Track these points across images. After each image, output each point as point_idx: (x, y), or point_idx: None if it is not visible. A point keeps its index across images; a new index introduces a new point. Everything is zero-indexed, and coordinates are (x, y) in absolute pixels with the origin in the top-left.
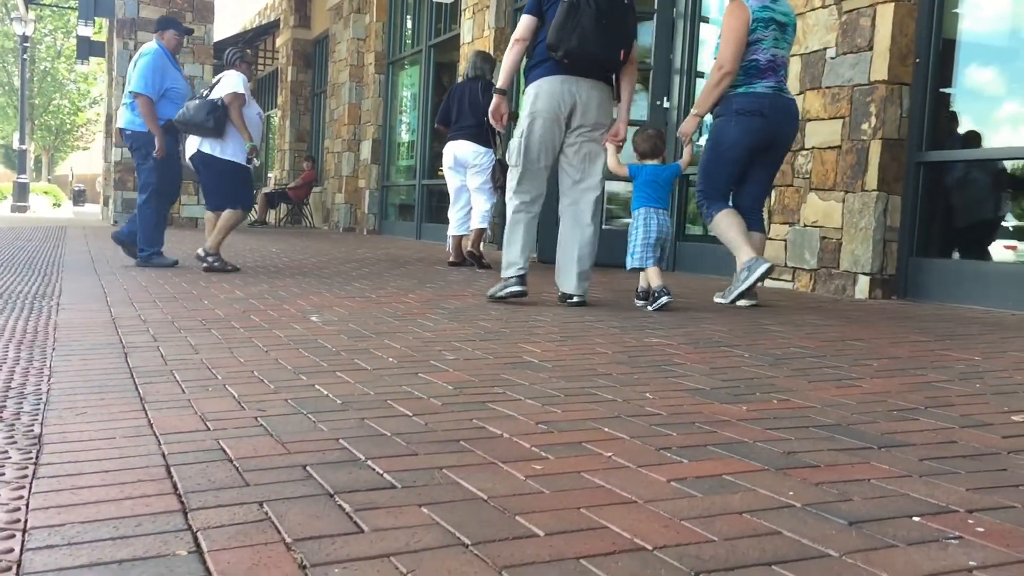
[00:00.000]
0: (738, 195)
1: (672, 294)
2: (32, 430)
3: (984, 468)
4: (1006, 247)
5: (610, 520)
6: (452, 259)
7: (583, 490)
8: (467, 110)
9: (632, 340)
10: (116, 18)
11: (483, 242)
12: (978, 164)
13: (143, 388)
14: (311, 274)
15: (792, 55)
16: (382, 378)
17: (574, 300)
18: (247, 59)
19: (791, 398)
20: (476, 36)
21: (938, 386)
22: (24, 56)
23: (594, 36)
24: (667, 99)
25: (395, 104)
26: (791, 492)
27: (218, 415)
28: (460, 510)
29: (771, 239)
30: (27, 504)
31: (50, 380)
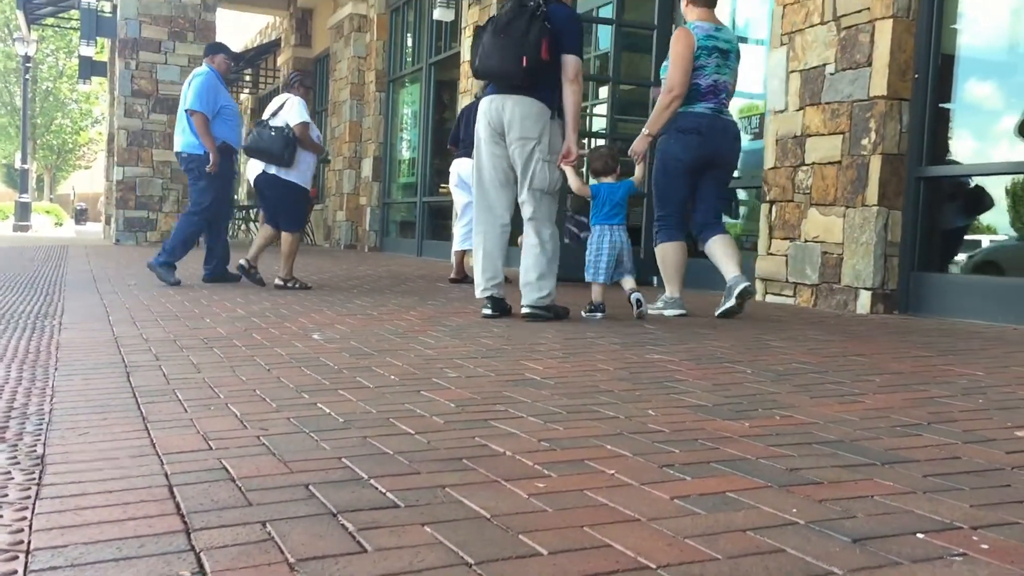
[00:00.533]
0: (697, 211)
1: (645, 301)
2: (35, 450)
3: (988, 484)
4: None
5: (613, 538)
6: (453, 276)
7: (586, 508)
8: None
9: (634, 356)
10: (118, 38)
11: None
12: (978, 179)
13: (145, 407)
14: (312, 292)
15: (792, 71)
16: (384, 396)
17: (523, 312)
18: (306, 83)
19: (794, 414)
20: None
21: (941, 401)
22: (26, 76)
23: (492, 50)
24: None
25: (396, 122)
26: (794, 509)
27: (220, 434)
28: (463, 529)
29: (772, 254)
30: (30, 525)
31: (52, 400)
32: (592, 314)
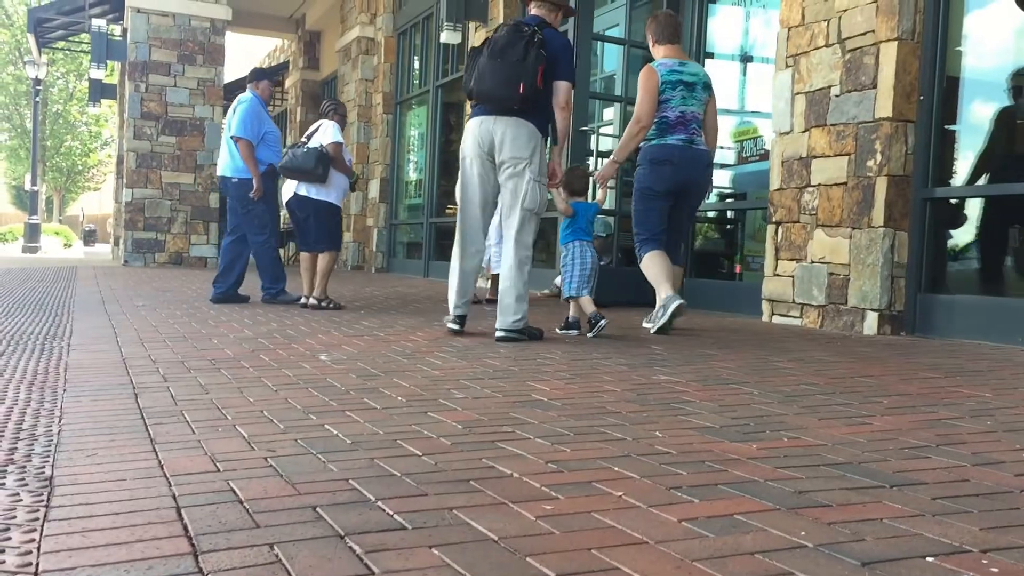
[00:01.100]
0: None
1: (606, 318)
2: (43, 472)
3: (997, 507)
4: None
5: (621, 561)
6: (488, 295)
7: (594, 530)
8: None
9: (641, 378)
10: (128, 61)
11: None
12: (985, 200)
13: (153, 429)
14: (319, 312)
15: (797, 93)
16: (392, 417)
17: (497, 335)
18: (340, 111)
19: (801, 436)
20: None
21: (949, 423)
22: (37, 99)
23: (489, 74)
24: None
25: (403, 143)
26: (803, 532)
27: (228, 456)
28: (471, 551)
29: (778, 275)
30: (38, 547)
31: (61, 421)
32: (567, 331)
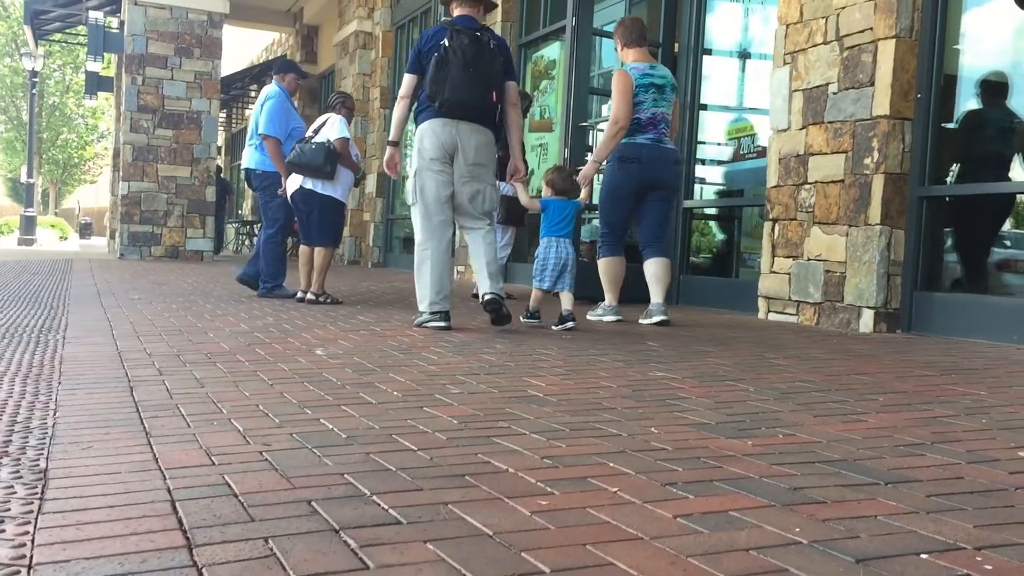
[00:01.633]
0: (641, 230)
1: (576, 321)
2: (38, 465)
3: (992, 505)
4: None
5: (616, 556)
6: (475, 291)
7: (589, 526)
8: None
9: (636, 374)
10: (124, 54)
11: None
12: (981, 198)
13: (148, 422)
14: (316, 307)
15: (795, 90)
16: (387, 412)
17: (488, 297)
18: (348, 104)
19: (797, 433)
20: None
21: (944, 421)
22: (33, 91)
23: (463, 84)
24: None
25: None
26: (798, 529)
27: (223, 449)
28: (465, 546)
29: (775, 272)
30: (32, 540)
31: (56, 414)
32: (530, 320)
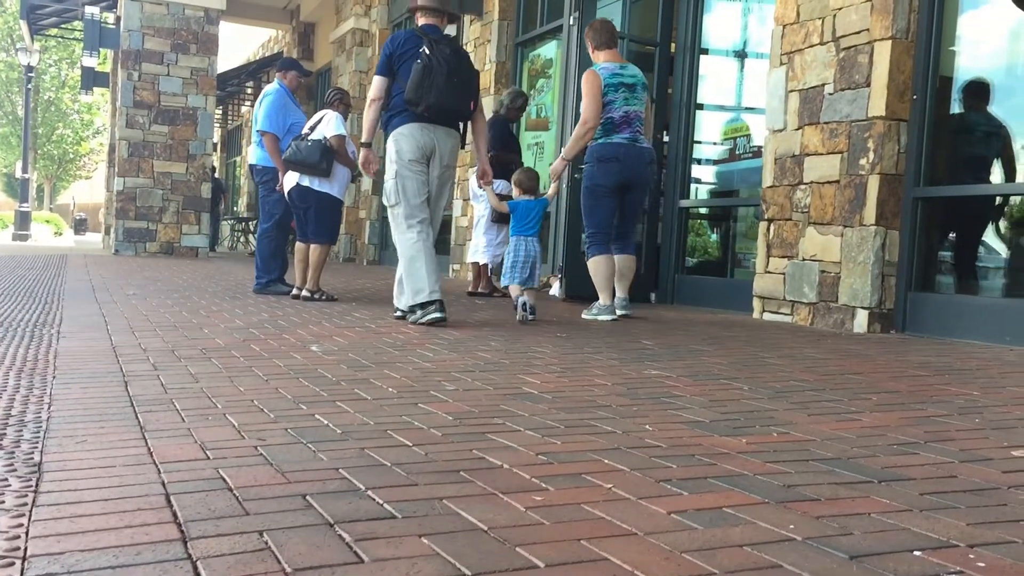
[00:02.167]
0: (616, 225)
1: (537, 315)
2: (32, 458)
3: (984, 503)
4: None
5: (610, 552)
6: (470, 288)
7: (583, 522)
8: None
9: (631, 372)
10: (121, 49)
11: (490, 276)
12: (976, 200)
13: (143, 416)
14: (311, 304)
15: (791, 91)
16: (382, 408)
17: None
18: (345, 101)
19: (791, 431)
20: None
21: (937, 420)
22: (28, 86)
23: (448, 92)
24: (666, 133)
25: None
26: (792, 525)
27: (218, 444)
28: (460, 541)
29: (770, 272)
30: (27, 532)
31: (50, 408)
32: (525, 313)
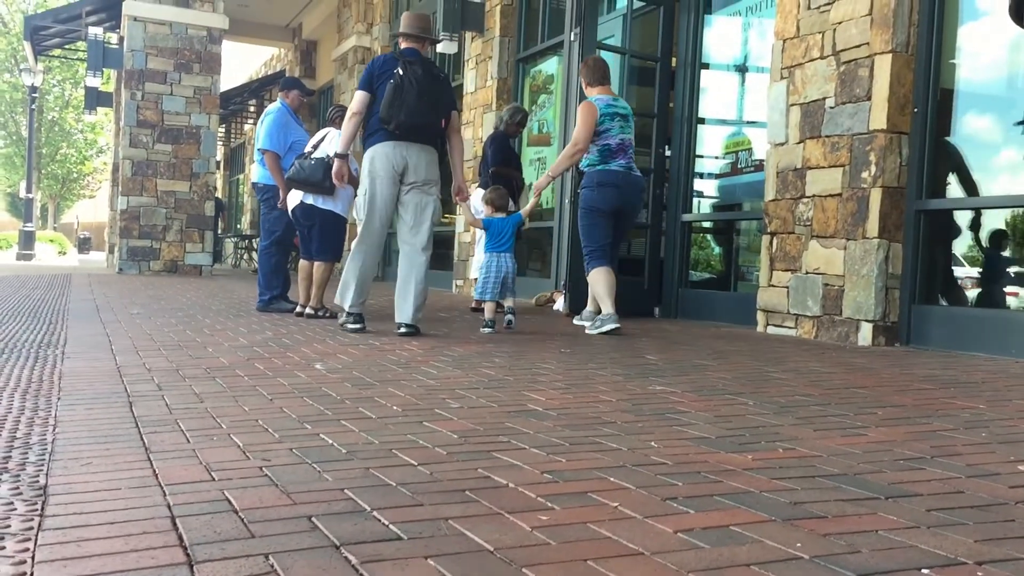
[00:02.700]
0: None
1: (514, 326)
2: (37, 481)
3: (992, 519)
4: (1008, 293)
5: (617, 572)
6: (474, 305)
7: (590, 541)
8: (485, 163)
9: (636, 388)
10: (124, 69)
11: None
12: (978, 212)
13: (148, 438)
14: (315, 321)
15: (792, 104)
16: (387, 427)
17: (405, 330)
18: None
19: (797, 447)
20: (479, 86)
21: (944, 435)
22: (32, 106)
23: (418, 109)
24: (668, 147)
25: None
26: (799, 544)
27: (223, 465)
28: (466, 562)
29: (773, 286)
30: (33, 557)
31: (55, 430)
32: (487, 329)
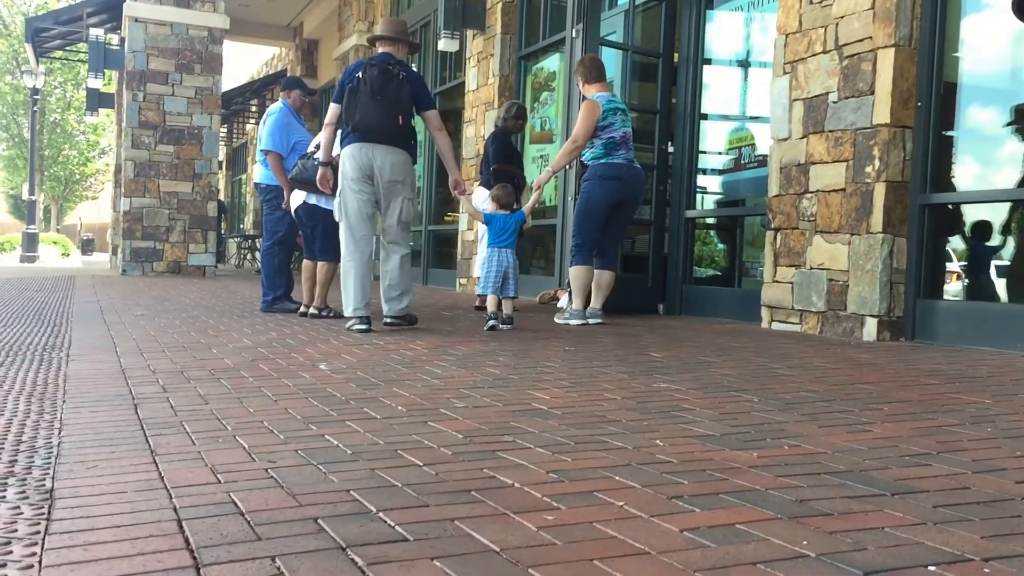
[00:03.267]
0: (601, 240)
1: (514, 325)
2: (44, 484)
3: (999, 515)
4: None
5: (623, 571)
6: (477, 303)
7: (596, 541)
8: (486, 161)
9: (640, 386)
10: (125, 70)
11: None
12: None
13: (153, 440)
14: (319, 321)
15: (795, 99)
16: (392, 427)
17: (388, 322)
18: None
19: (802, 444)
20: (481, 84)
21: (949, 430)
22: (34, 108)
23: (370, 110)
24: (671, 143)
25: None
26: (805, 541)
27: (229, 467)
28: (472, 563)
29: (777, 281)
30: (40, 560)
31: (61, 433)
32: (491, 323)
